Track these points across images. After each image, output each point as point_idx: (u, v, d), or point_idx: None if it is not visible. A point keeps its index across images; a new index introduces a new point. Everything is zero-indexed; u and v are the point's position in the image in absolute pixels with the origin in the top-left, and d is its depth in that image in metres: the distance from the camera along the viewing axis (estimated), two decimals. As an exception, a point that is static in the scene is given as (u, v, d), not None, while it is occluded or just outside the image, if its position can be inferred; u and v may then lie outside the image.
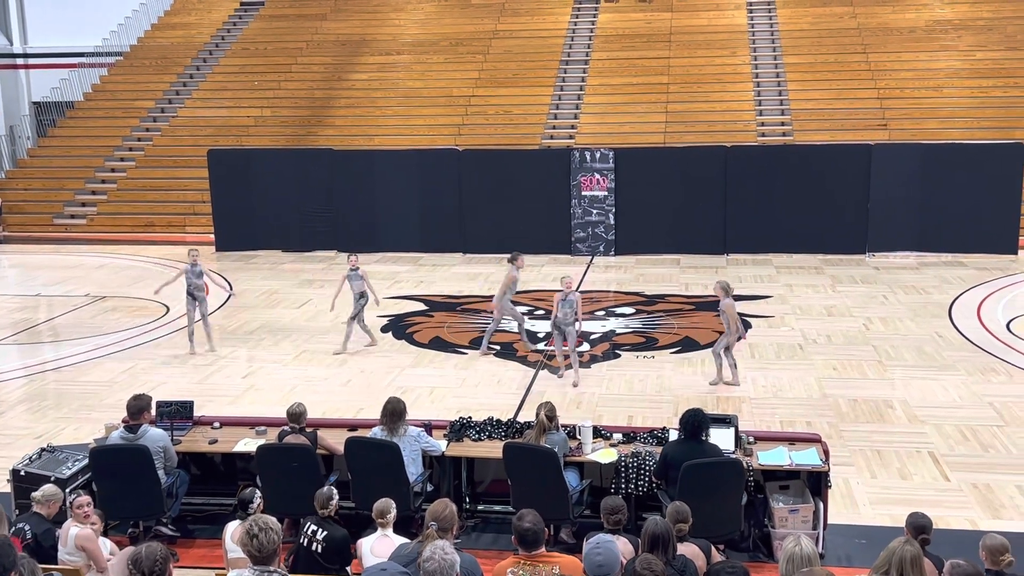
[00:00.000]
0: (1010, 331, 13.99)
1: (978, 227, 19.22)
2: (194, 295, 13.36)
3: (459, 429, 8.26)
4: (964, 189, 19.20)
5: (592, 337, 14.14)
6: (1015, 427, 10.22)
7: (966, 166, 19.21)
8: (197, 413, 8.81)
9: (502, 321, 13.86)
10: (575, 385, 11.76)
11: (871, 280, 17.54)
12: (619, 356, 13.24)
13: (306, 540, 6.51)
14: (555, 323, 11.94)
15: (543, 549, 5.34)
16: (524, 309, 15.73)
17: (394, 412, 7.73)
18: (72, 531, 6.56)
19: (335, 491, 6.72)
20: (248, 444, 8.18)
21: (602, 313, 15.60)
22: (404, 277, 18.74)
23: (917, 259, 19.30)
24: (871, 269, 18.54)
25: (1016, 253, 19.12)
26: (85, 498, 6.81)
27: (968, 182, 19.17)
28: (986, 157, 19.28)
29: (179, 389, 11.84)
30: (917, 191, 19.38)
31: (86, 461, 7.98)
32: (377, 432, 7.81)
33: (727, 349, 11.65)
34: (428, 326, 15.04)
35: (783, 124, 23.48)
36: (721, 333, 12.03)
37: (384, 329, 14.85)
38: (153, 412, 8.16)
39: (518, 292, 15.56)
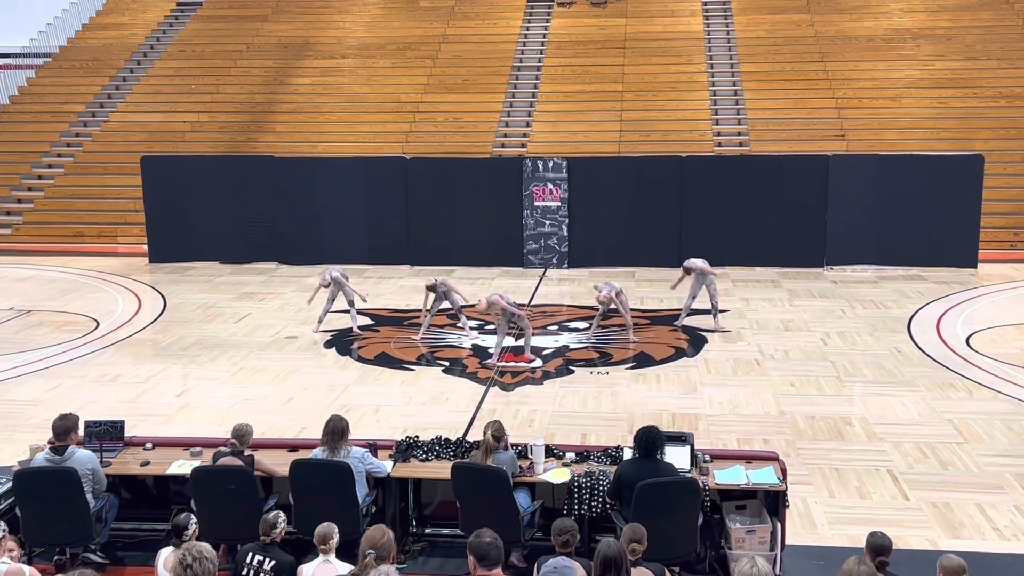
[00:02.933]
0: (969, 346, 14.26)
1: (937, 240, 19.62)
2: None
3: (405, 449, 8.22)
4: (923, 201, 19.59)
5: (545, 353, 14.18)
6: (975, 444, 10.40)
7: (925, 177, 19.60)
8: (128, 433, 8.67)
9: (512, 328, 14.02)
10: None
11: (829, 294, 17.79)
12: (572, 372, 13.28)
13: (251, 572, 6.33)
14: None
15: (500, 571, 5.33)
16: (474, 323, 15.73)
17: (336, 431, 7.67)
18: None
19: (281, 515, 6.62)
20: (182, 466, 8.06)
21: (555, 328, 15.63)
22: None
23: (876, 272, 19.62)
24: (829, 283, 18.82)
25: (976, 267, 19.52)
26: (-1, 525, 6.64)
27: (927, 194, 19.56)
28: (945, 168, 19.69)
29: (109, 408, 11.64)
30: (875, 203, 19.73)
31: (9, 484, 7.82)
32: (318, 453, 7.74)
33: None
34: (374, 341, 14.97)
35: (739, 134, 23.79)
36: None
37: (328, 344, 14.77)
38: (81, 432, 8.02)
39: (470, 306, 15.57)
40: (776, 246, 20.05)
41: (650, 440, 7.28)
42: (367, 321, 16.13)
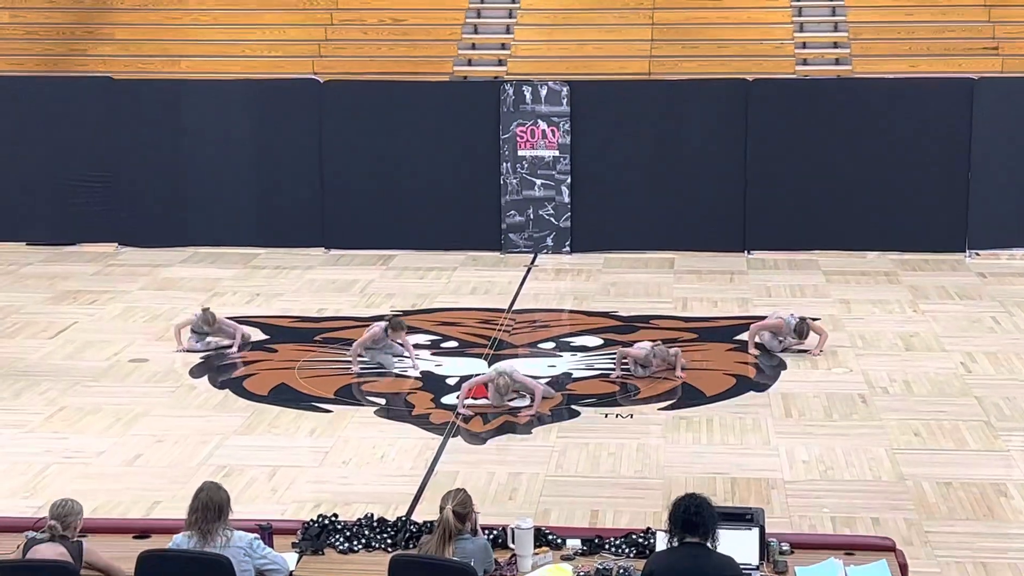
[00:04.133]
0: None
1: None
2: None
3: (318, 534, 8.21)
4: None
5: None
6: None
7: None
8: None
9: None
10: None
11: (974, 294, 17.92)
12: (578, 415, 13.28)
13: None
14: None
15: None
16: (426, 339, 15.74)
17: (210, 507, 7.64)
18: None
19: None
20: (-31, 561, 8.03)
21: (551, 346, 15.64)
22: (229, 287, 18.65)
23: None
24: (974, 276, 18.97)
25: None
26: None
27: None
28: None
29: None
30: (1046, 154, 19.93)
31: None
32: (181, 541, 7.73)
33: None
34: (268, 366, 14.94)
35: (836, 46, 23.85)
36: None
37: (196, 372, 14.72)
38: None
39: (422, 311, 15.59)
40: (893, 221, 20.12)
41: (695, 516, 7.29)
42: (258, 335, 16.11)
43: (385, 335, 14.89)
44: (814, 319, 15.54)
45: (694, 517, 7.24)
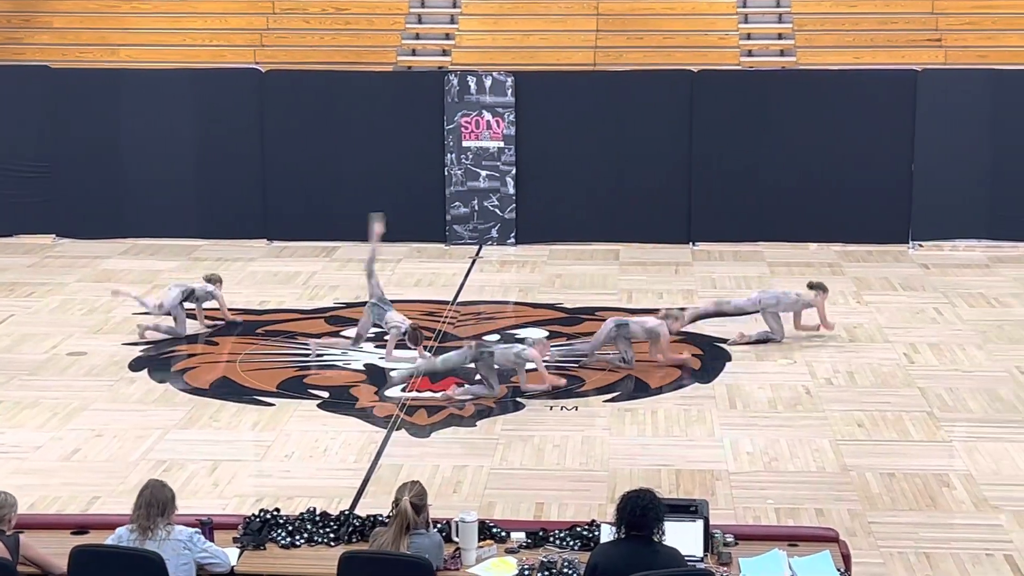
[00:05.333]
0: None
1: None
2: None
3: (259, 529, 8.18)
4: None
5: (479, 377, 14.16)
6: None
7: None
8: None
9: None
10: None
11: (917, 285, 18.06)
12: (523, 407, 13.29)
13: None
14: None
15: None
16: (370, 331, 15.70)
17: (153, 503, 7.61)
18: None
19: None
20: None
21: (496, 338, 15.65)
22: (170, 279, 18.41)
23: (988, 252, 19.97)
24: (917, 267, 19.12)
25: None
26: None
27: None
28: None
29: None
30: (988, 145, 20.07)
31: None
32: (122, 535, 7.69)
33: None
34: (209, 359, 14.88)
35: (780, 38, 23.96)
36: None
37: (136, 366, 14.63)
38: None
39: (366, 304, 15.50)
40: (836, 212, 20.25)
41: (641, 512, 7.31)
42: (198, 327, 16.04)
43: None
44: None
45: (640, 519, 7.27)
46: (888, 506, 10.81)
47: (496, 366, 13.50)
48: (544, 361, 13.70)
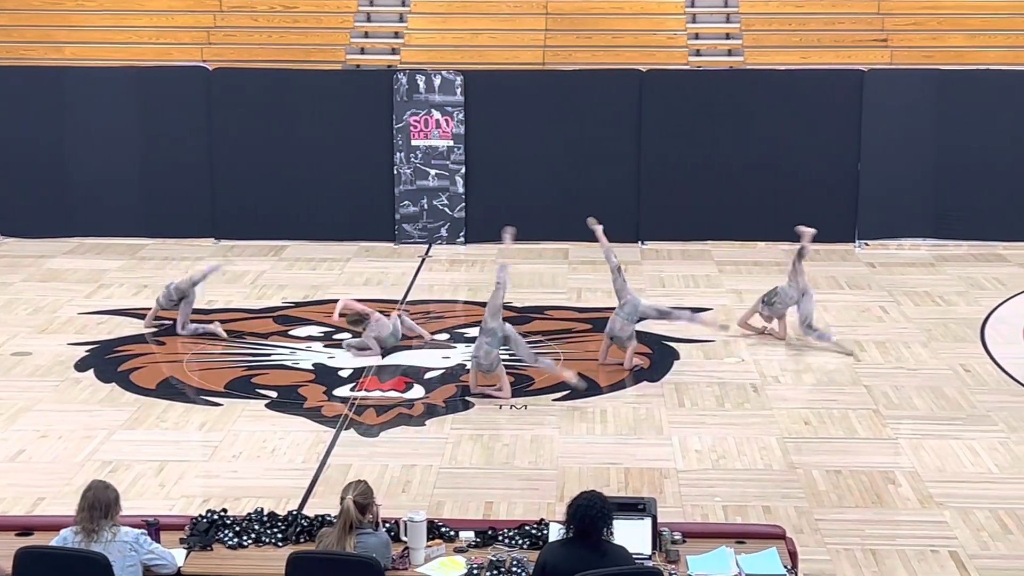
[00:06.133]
0: (1073, 362, 14.81)
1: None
2: None
3: (207, 529, 8.15)
4: (1004, 140, 20.13)
5: (428, 377, 14.18)
6: (1081, 512, 10.80)
7: (1007, 105, 20.17)
8: None
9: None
10: None
11: (863, 283, 18.20)
12: (472, 406, 13.31)
13: None
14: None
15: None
16: (319, 331, 15.69)
17: (97, 505, 7.58)
18: None
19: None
20: None
21: (445, 337, 15.64)
22: (116, 278, 18.45)
23: (933, 250, 20.13)
24: (863, 267, 19.26)
25: (1082, 240, 20.27)
26: None
27: (1011, 129, 20.11)
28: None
29: None
30: (933, 144, 20.21)
31: None
32: (67, 537, 7.64)
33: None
34: (156, 359, 14.82)
35: (728, 38, 24.06)
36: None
37: (82, 366, 14.55)
38: None
39: (314, 303, 15.52)
40: (783, 211, 20.25)
41: (591, 515, 7.32)
42: (142, 327, 15.97)
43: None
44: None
45: (589, 526, 7.30)
46: (834, 503, 10.90)
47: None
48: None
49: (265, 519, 8.28)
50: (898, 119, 20.20)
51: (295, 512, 8.48)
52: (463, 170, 20.48)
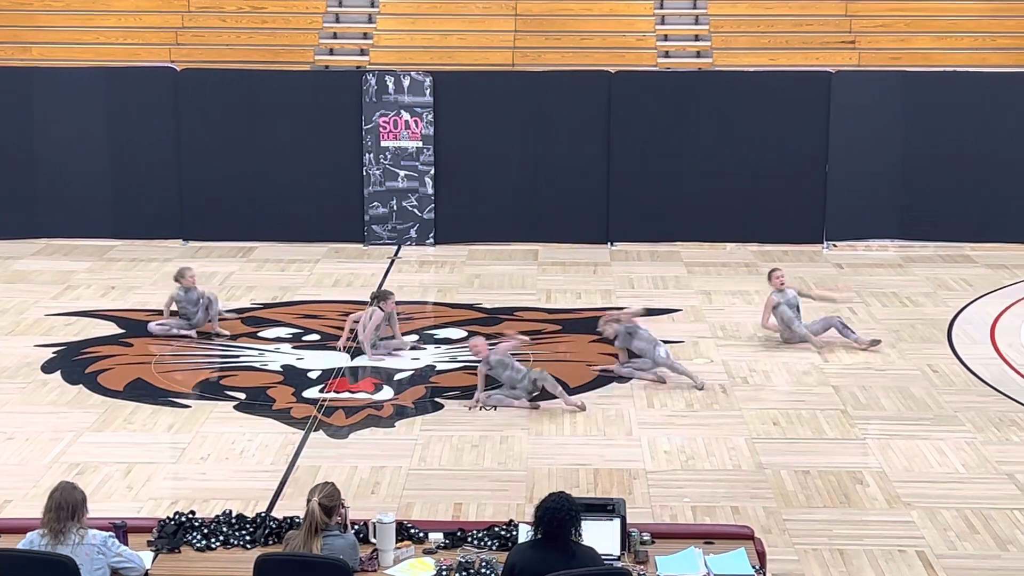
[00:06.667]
0: (1038, 362, 14.89)
1: (993, 202, 20.34)
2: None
3: (175, 532, 8.12)
4: (970, 141, 20.23)
5: (397, 378, 14.18)
6: (1047, 511, 10.86)
7: (972, 106, 20.23)
8: None
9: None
10: None
11: (831, 284, 18.11)
12: (441, 408, 13.32)
13: None
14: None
15: None
16: (287, 332, 15.66)
17: (63, 506, 7.54)
18: None
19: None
20: None
21: (414, 338, 15.64)
22: (84, 280, 18.37)
23: (900, 251, 20.21)
24: (831, 267, 19.35)
25: (1051, 241, 20.41)
26: None
27: (976, 130, 20.20)
28: (1003, 92, 20.38)
29: None
30: (901, 145, 20.30)
31: None
32: (34, 539, 7.61)
33: None
34: (124, 361, 14.77)
35: (697, 40, 24.12)
36: None
37: (49, 367, 14.48)
38: None
39: (283, 304, 15.49)
40: (753, 213, 20.41)
41: (559, 517, 7.32)
42: (112, 329, 15.89)
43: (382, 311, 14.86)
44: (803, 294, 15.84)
45: (557, 528, 7.30)
46: (803, 503, 10.93)
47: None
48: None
49: (233, 521, 8.26)
50: (866, 120, 20.29)
51: (263, 514, 8.45)
52: (432, 171, 20.46)
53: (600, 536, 7.74)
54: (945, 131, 20.18)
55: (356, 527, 8.04)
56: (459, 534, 8.17)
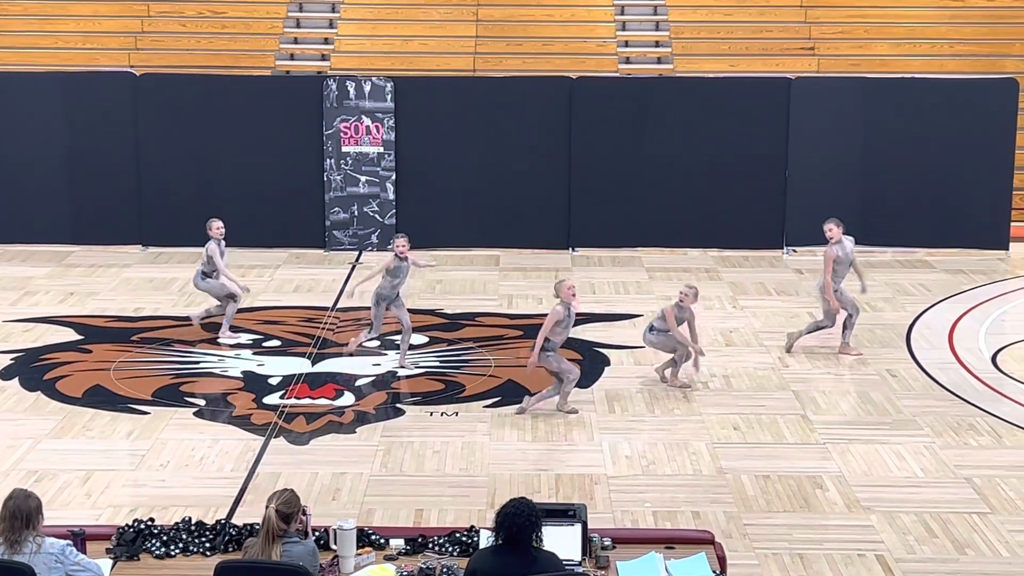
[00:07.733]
0: (997, 368, 14.94)
1: (951, 208, 20.43)
2: None
3: (133, 539, 8.08)
4: (929, 149, 20.31)
5: (358, 384, 14.16)
6: (1005, 515, 10.87)
7: (932, 113, 20.35)
8: None
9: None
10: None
11: (791, 290, 18.35)
12: (403, 413, 13.31)
13: None
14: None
15: None
16: (248, 338, 15.64)
17: (18, 514, 7.49)
18: None
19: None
20: None
21: (375, 344, 15.62)
22: (42, 286, 18.27)
23: (859, 256, 20.11)
24: (791, 272, 19.41)
25: (1007, 248, 20.46)
26: None
27: (935, 138, 20.30)
28: (961, 99, 20.43)
29: None
30: (860, 151, 20.42)
31: None
32: (-9, 548, 7.56)
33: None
34: (82, 367, 14.70)
35: (658, 46, 24.20)
36: None
37: (7, 374, 14.40)
38: None
39: (244, 310, 15.47)
40: (713, 218, 20.47)
41: (519, 523, 7.33)
42: (71, 335, 15.81)
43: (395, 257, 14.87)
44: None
45: (517, 533, 7.31)
46: (763, 508, 10.99)
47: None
48: None
49: (193, 528, 8.23)
50: (825, 126, 20.39)
51: (223, 521, 8.43)
52: (394, 176, 20.44)
53: (561, 541, 7.74)
54: (903, 137, 20.29)
55: (317, 533, 8.02)
56: (420, 540, 8.18)
